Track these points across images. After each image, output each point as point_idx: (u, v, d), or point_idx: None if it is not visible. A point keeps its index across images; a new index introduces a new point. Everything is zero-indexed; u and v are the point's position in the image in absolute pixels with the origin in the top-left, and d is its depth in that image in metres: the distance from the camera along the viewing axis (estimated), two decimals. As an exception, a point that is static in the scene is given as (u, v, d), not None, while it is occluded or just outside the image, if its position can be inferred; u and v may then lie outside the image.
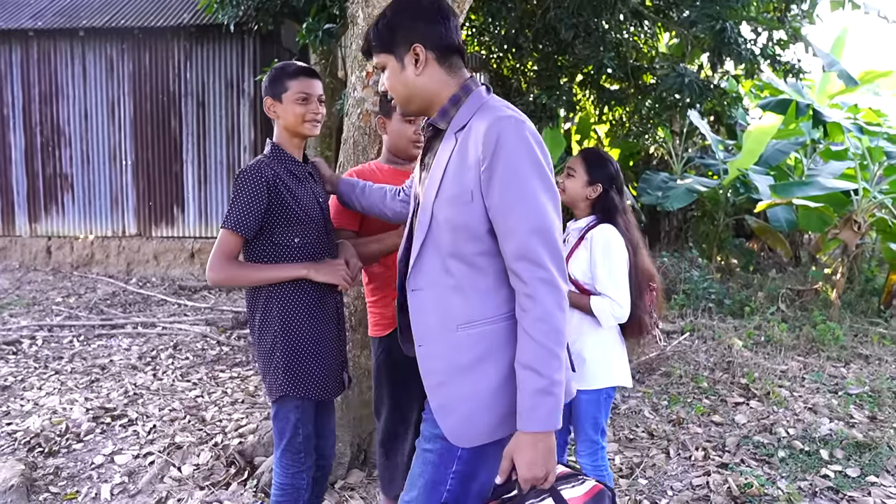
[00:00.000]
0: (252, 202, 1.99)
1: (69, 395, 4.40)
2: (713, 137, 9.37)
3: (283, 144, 2.15)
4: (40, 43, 8.82)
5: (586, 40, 6.39)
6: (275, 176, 2.05)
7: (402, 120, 2.41)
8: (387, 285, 2.44)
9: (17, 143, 9.03)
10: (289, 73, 2.10)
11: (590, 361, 2.42)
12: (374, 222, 2.42)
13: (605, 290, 2.36)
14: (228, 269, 2.01)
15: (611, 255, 2.36)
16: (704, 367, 5.07)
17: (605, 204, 2.47)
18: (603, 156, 2.52)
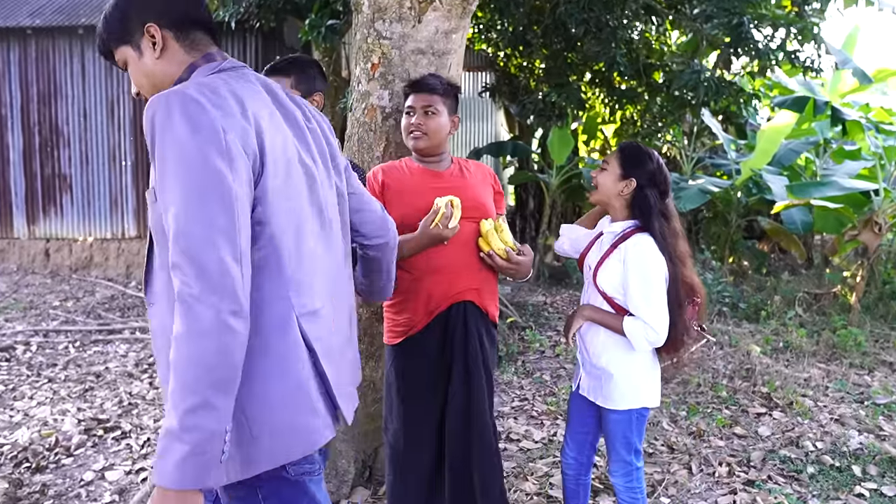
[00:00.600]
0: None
1: (61, 406, 4.22)
2: (725, 137, 9.17)
3: None
4: (38, 41, 8.66)
5: (597, 37, 6.20)
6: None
7: (404, 113, 2.28)
8: (404, 289, 2.27)
9: (15, 144, 8.87)
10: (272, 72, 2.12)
11: (617, 379, 2.22)
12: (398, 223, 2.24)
13: (639, 312, 2.13)
14: None
15: (646, 274, 2.12)
16: (723, 374, 4.87)
17: (641, 203, 2.20)
18: (642, 149, 2.27)
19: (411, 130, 2.26)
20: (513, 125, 13.02)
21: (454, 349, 2.24)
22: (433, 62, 2.48)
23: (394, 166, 2.33)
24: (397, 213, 2.23)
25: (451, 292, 2.24)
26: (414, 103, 2.26)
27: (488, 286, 2.34)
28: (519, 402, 4.34)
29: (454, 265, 2.24)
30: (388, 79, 2.48)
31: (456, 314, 2.25)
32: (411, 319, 2.26)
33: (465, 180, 2.34)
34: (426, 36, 2.45)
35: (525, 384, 4.70)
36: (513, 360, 5.17)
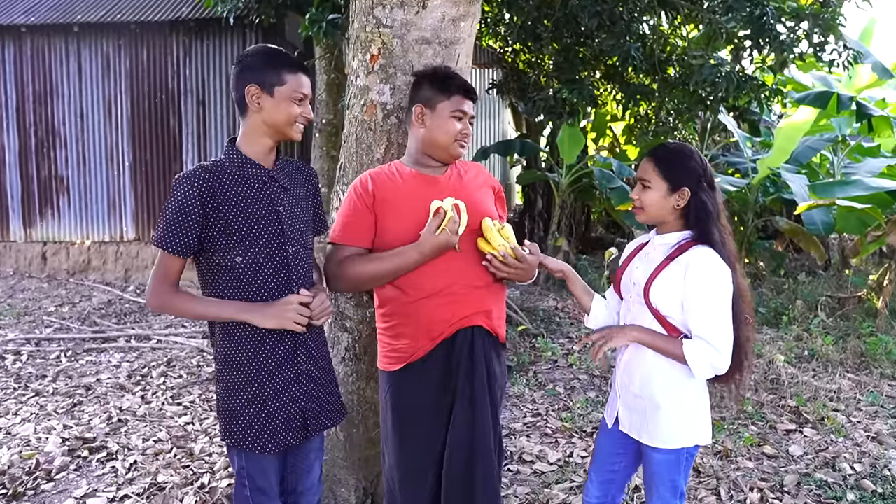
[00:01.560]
0: (182, 215, 1.73)
1: (46, 422, 3.99)
2: (740, 134, 8.87)
3: (250, 145, 1.85)
4: (34, 39, 8.44)
5: (610, 30, 5.93)
6: (214, 183, 1.77)
7: (451, 113, 2.00)
8: (401, 312, 2.02)
9: (11, 145, 8.66)
10: (288, 65, 1.82)
11: (667, 412, 1.93)
12: (390, 237, 2.00)
13: (703, 334, 1.86)
14: (162, 295, 1.78)
15: (713, 290, 1.86)
16: (747, 385, 4.59)
17: (696, 210, 1.92)
18: (677, 149, 1.98)
19: (461, 139, 2.05)
20: (520, 123, 12.74)
21: (459, 380, 1.98)
22: (439, 53, 2.23)
23: (383, 172, 2.08)
24: (391, 227, 2.00)
25: (456, 317, 1.98)
26: (468, 109, 2.06)
27: (498, 305, 2.08)
28: (532, 418, 4.08)
29: (459, 285, 1.98)
30: (389, 72, 2.23)
31: (462, 341, 1.99)
32: (411, 346, 2.00)
33: (464, 185, 2.09)
34: (431, 23, 2.19)
35: (538, 397, 4.44)
36: (524, 371, 4.92)
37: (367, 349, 2.65)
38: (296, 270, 1.88)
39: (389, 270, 1.96)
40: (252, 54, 1.83)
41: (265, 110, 1.80)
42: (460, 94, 2.02)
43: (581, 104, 6.13)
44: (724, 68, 5.17)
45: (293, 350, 1.89)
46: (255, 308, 1.78)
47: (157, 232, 1.75)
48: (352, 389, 2.72)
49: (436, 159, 2.06)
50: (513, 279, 2.02)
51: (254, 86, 1.78)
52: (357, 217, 2.02)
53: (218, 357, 1.88)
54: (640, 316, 1.99)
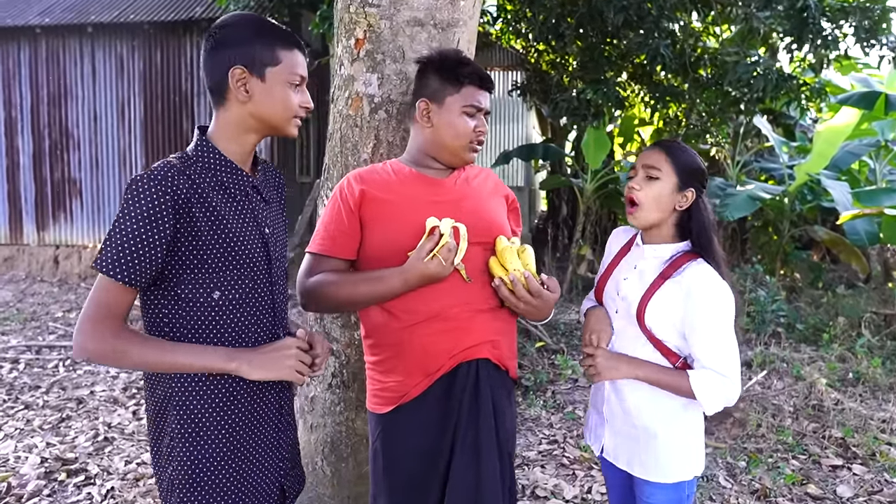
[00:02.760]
0: (146, 231, 1.24)
1: (30, 439, 3.75)
2: (776, 138, 8.42)
3: (229, 142, 1.40)
4: (48, 41, 8.35)
5: (638, 27, 5.58)
6: (190, 190, 1.30)
7: (462, 109, 1.66)
8: (390, 342, 1.68)
9: (25, 147, 8.58)
10: (281, 39, 1.38)
11: (665, 441, 1.70)
12: (379, 249, 1.67)
13: (711, 364, 1.61)
14: (107, 338, 1.27)
15: (719, 315, 1.63)
16: (786, 413, 4.19)
17: (697, 220, 1.71)
18: (686, 147, 1.77)
19: (475, 139, 1.72)
20: (545, 127, 12.40)
21: (460, 423, 1.64)
22: (435, 37, 1.92)
23: (375, 171, 1.74)
24: (380, 237, 1.67)
25: (458, 347, 1.64)
26: (485, 103, 1.72)
27: (508, 334, 1.74)
28: (547, 446, 3.73)
29: (461, 308, 1.63)
30: (377, 58, 1.92)
31: (465, 377, 1.65)
32: (403, 384, 1.66)
33: (472, 191, 1.75)
34: (425, 2, 1.89)
35: (555, 421, 4.09)
36: (541, 391, 4.57)
37: (357, 376, 2.35)
38: (281, 309, 1.50)
39: (366, 296, 1.64)
40: (232, 24, 1.37)
41: (254, 99, 1.36)
42: (474, 85, 1.68)
43: (606, 105, 5.78)
44: (761, 67, 4.78)
45: (278, 406, 1.50)
46: (242, 355, 1.34)
47: (104, 252, 1.25)
48: (340, 420, 2.42)
49: (442, 162, 1.74)
50: (522, 314, 1.69)
51: (239, 67, 1.34)
52: (339, 224, 1.68)
53: (169, 418, 1.37)
54: (634, 339, 1.73)
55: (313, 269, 1.71)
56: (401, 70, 1.92)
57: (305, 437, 2.49)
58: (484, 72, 1.72)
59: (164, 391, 1.36)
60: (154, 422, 1.40)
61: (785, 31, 5.12)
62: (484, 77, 1.71)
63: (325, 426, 2.44)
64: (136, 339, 1.30)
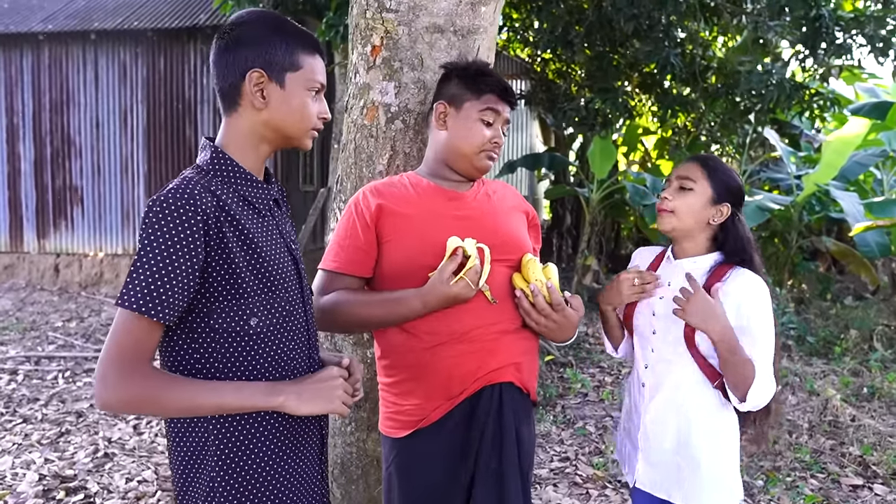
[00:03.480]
0: (177, 260, 1.11)
1: (27, 455, 3.66)
2: (784, 148, 8.35)
3: (243, 153, 1.26)
4: (51, 48, 8.31)
5: (647, 36, 5.51)
6: (218, 208, 1.17)
7: (478, 114, 1.59)
8: (410, 363, 1.59)
9: (27, 154, 8.51)
10: (303, 43, 1.25)
11: (709, 469, 1.65)
12: (397, 266, 1.59)
13: (762, 369, 1.58)
14: (137, 380, 1.12)
15: (768, 318, 1.61)
16: (801, 429, 4.09)
17: (734, 235, 1.67)
18: (723, 163, 1.72)
19: (491, 148, 1.63)
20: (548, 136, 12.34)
21: (483, 450, 1.55)
22: (455, 44, 1.84)
23: (392, 184, 1.66)
24: (400, 254, 1.59)
25: (482, 370, 1.55)
26: (502, 113, 1.64)
27: (530, 355, 1.66)
28: (559, 463, 3.64)
29: (487, 330, 1.55)
30: (394, 66, 1.84)
31: (488, 401, 1.56)
32: (422, 407, 1.58)
33: (493, 206, 1.68)
34: (445, 7, 1.81)
35: (566, 437, 4.00)
36: (551, 406, 4.48)
37: (368, 395, 2.25)
38: (314, 332, 1.37)
39: (384, 318, 1.56)
40: (250, 22, 1.24)
41: (271, 107, 1.23)
42: (494, 94, 1.62)
43: (615, 115, 5.71)
44: (775, 76, 4.71)
45: (320, 435, 1.37)
46: (288, 388, 1.21)
47: (131, 286, 1.10)
48: (350, 441, 2.33)
49: (457, 172, 1.66)
50: (543, 332, 1.60)
51: (258, 70, 1.20)
52: (354, 239, 1.61)
53: (205, 468, 1.21)
54: (672, 357, 1.68)
55: (326, 287, 1.63)
56: (419, 78, 1.84)
57: (314, 457, 2.41)
58: (507, 84, 1.66)
59: (198, 438, 1.21)
60: (183, 472, 1.24)
61: (796, 39, 5.06)
62: (506, 89, 1.65)
63: (336, 447, 2.35)
64: (168, 381, 1.15)
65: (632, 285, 1.71)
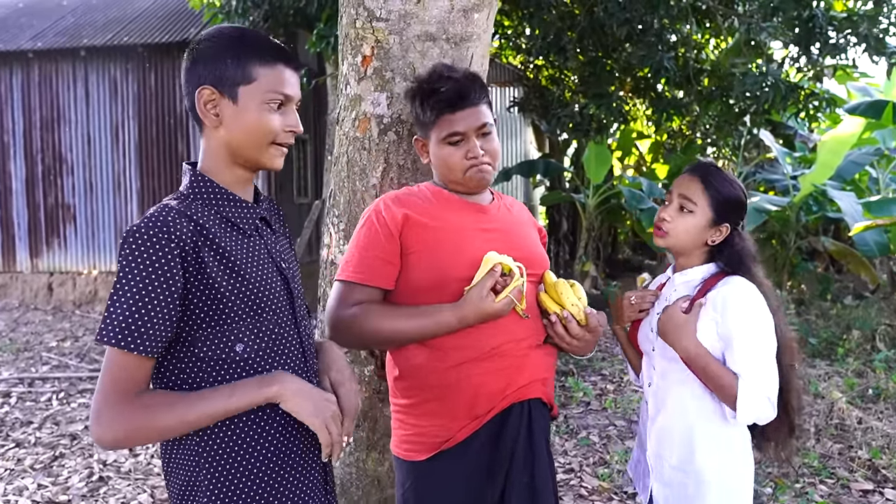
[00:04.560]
0: (155, 291, 1.08)
1: (20, 481, 3.58)
2: (779, 149, 8.34)
3: (217, 171, 1.22)
4: (41, 65, 8.26)
5: (641, 39, 5.49)
6: (196, 233, 1.14)
7: (444, 140, 1.53)
8: (433, 383, 1.51)
9: (18, 173, 8.45)
10: (258, 53, 1.18)
11: (717, 487, 1.59)
12: (425, 279, 1.52)
13: (748, 376, 1.52)
14: (131, 413, 1.09)
15: (756, 325, 1.54)
16: (808, 433, 4.04)
17: (732, 251, 1.63)
18: (726, 175, 1.66)
19: (473, 165, 1.54)
20: (542, 143, 12.32)
21: (514, 468, 1.50)
22: (448, 52, 1.79)
23: (413, 193, 1.60)
24: (428, 266, 1.52)
25: (511, 387, 1.50)
26: (462, 126, 1.53)
27: (553, 371, 1.63)
28: (564, 475, 3.57)
29: (517, 346, 1.50)
30: (386, 76, 1.79)
31: (518, 418, 1.50)
32: (446, 427, 1.50)
33: (514, 221, 1.65)
34: (437, 15, 1.76)
35: (569, 448, 3.93)
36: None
37: (367, 413, 2.20)
38: (310, 352, 1.31)
39: (414, 333, 1.49)
40: (206, 38, 1.20)
41: (226, 124, 1.18)
42: (446, 112, 1.52)
43: (609, 120, 5.68)
44: (770, 77, 4.68)
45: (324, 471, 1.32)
46: (283, 378, 1.17)
47: (110, 321, 1.07)
48: (349, 461, 2.27)
49: (474, 191, 1.62)
50: (567, 350, 1.56)
51: (207, 87, 1.16)
52: (377, 249, 1.52)
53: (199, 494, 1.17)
54: (673, 373, 1.64)
55: (345, 299, 1.54)
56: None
57: (313, 479, 2.34)
58: (456, 91, 1.53)
59: (192, 460, 1.18)
60: (181, 495, 1.20)
61: (789, 40, 5.04)
62: (455, 101, 1.52)
63: (335, 467, 2.29)
64: (158, 405, 1.11)
65: (630, 304, 1.71)
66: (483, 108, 1.56)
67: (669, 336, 1.57)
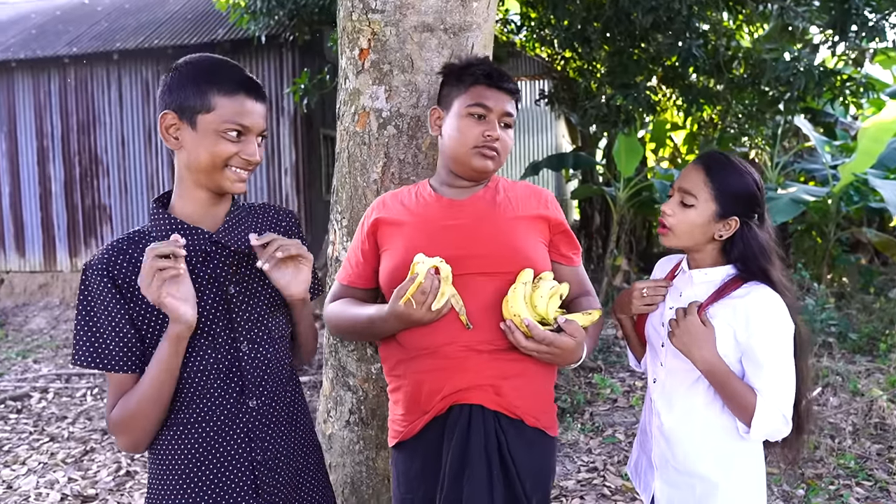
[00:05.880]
0: (103, 317, 1.24)
1: (52, 474, 3.67)
2: (818, 138, 8.05)
3: (184, 200, 1.32)
4: (77, 70, 8.45)
5: (667, 27, 5.35)
6: (131, 272, 1.26)
7: (467, 110, 1.47)
8: (399, 372, 1.54)
9: (57, 175, 8.67)
10: (219, 83, 1.25)
11: (727, 492, 1.53)
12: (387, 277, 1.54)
13: (769, 395, 1.44)
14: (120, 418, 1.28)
15: (781, 343, 1.46)
16: (845, 432, 3.88)
17: (743, 248, 1.52)
18: (735, 164, 1.55)
19: (485, 144, 1.50)
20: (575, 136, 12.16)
21: (447, 475, 1.44)
22: (446, 43, 1.75)
23: (401, 193, 1.61)
24: (388, 264, 1.54)
25: (448, 388, 1.44)
26: (492, 102, 1.49)
27: (519, 377, 1.48)
28: (587, 474, 3.50)
29: (458, 348, 1.44)
30: (383, 70, 1.76)
31: (455, 421, 1.45)
32: (405, 419, 1.53)
33: (495, 213, 1.54)
34: (433, 4, 1.72)
35: (594, 446, 3.86)
36: (579, 413, 4.34)
37: (375, 412, 2.18)
38: (253, 375, 1.34)
39: (362, 332, 1.60)
40: (177, 67, 1.29)
41: (186, 148, 1.26)
42: (481, 84, 1.49)
43: (637, 111, 5.55)
44: (802, 63, 4.50)
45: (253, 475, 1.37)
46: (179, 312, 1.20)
47: (76, 345, 1.24)
48: (359, 459, 2.25)
49: (461, 176, 1.56)
50: (542, 359, 1.46)
51: (170, 113, 1.26)
52: (356, 251, 1.63)
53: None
54: (681, 372, 1.56)
55: (335, 297, 1.69)
56: (410, 81, 1.76)
57: (324, 477, 2.33)
58: (497, 69, 1.52)
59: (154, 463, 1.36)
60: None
61: (825, 24, 4.84)
62: (494, 74, 1.50)
63: (345, 466, 2.27)
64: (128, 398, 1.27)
65: (641, 296, 1.61)
66: (513, 102, 1.55)
67: (688, 346, 1.47)
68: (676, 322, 1.48)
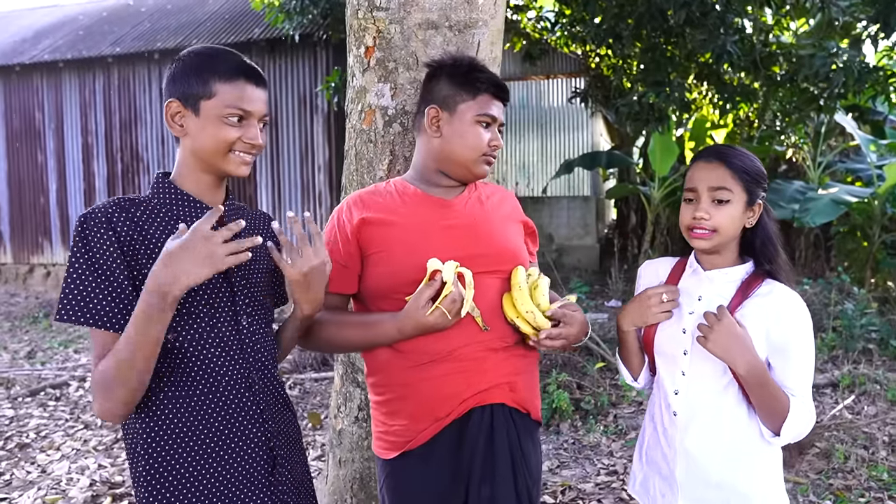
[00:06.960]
0: (101, 268, 1.20)
1: (83, 461, 3.79)
2: (862, 137, 7.78)
3: (186, 180, 1.34)
4: (120, 69, 8.71)
5: (701, 23, 5.23)
6: (133, 229, 1.26)
7: (476, 118, 1.50)
8: (397, 382, 1.51)
9: (101, 171, 8.95)
10: (220, 71, 1.29)
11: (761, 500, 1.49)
12: (382, 282, 1.51)
13: (800, 393, 1.45)
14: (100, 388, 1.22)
15: (809, 342, 1.46)
16: (879, 442, 3.75)
17: (762, 233, 1.51)
18: (740, 150, 1.52)
19: (491, 152, 1.55)
20: (614, 135, 12.02)
21: (474, 475, 1.45)
22: (451, 40, 1.75)
23: (377, 192, 1.57)
24: (384, 268, 1.50)
25: (470, 390, 1.45)
26: (497, 112, 1.56)
27: (526, 373, 1.54)
28: (606, 477, 3.46)
29: (475, 348, 1.46)
30: (388, 67, 1.77)
31: (478, 424, 1.46)
32: (409, 428, 1.49)
33: (485, 214, 1.57)
34: (438, 1, 1.72)
35: (615, 449, 3.81)
36: (602, 415, 4.29)
37: (378, 410, 2.19)
38: (254, 350, 1.36)
39: (361, 343, 1.53)
40: (180, 58, 1.33)
41: (191, 134, 1.30)
42: (489, 93, 1.52)
43: (670, 109, 5.45)
44: (841, 59, 4.35)
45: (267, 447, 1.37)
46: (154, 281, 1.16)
47: (65, 300, 1.19)
48: (368, 455, 2.27)
49: (452, 178, 1.57)
50: (544, 349, 1.52)
51: (175, 101, 1.30)
52: (335, 255, 1.51)
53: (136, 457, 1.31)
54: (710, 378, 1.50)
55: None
56: (415, 78, 1.76)
57: (334, 472, 2.36)
58: (501, 81, 1.56)
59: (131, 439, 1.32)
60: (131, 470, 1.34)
61: (869, 18, 4.67)
62: (501, 86, 1.55)
63: (354, 461, 2.30)
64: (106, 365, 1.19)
65: (661, 302, 1.52)
66: (504, 108, 1.59)
67: (728, 350, 1.40)
68: (710, 327, 1.41)
